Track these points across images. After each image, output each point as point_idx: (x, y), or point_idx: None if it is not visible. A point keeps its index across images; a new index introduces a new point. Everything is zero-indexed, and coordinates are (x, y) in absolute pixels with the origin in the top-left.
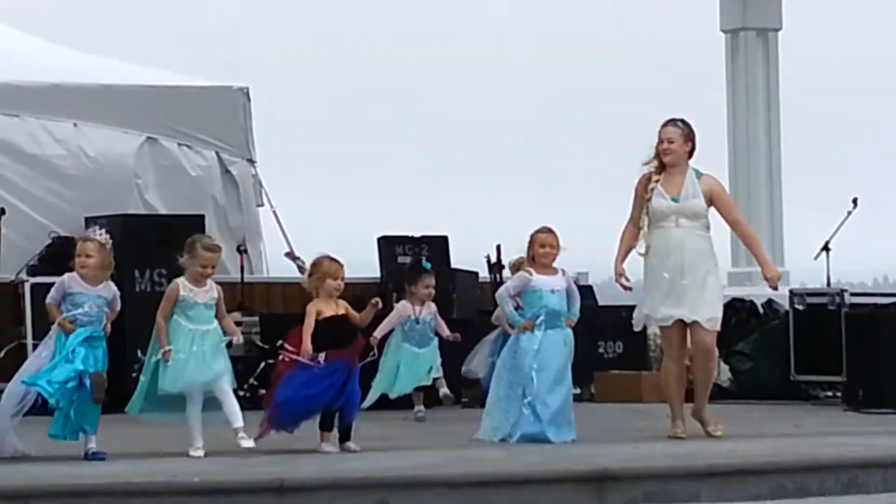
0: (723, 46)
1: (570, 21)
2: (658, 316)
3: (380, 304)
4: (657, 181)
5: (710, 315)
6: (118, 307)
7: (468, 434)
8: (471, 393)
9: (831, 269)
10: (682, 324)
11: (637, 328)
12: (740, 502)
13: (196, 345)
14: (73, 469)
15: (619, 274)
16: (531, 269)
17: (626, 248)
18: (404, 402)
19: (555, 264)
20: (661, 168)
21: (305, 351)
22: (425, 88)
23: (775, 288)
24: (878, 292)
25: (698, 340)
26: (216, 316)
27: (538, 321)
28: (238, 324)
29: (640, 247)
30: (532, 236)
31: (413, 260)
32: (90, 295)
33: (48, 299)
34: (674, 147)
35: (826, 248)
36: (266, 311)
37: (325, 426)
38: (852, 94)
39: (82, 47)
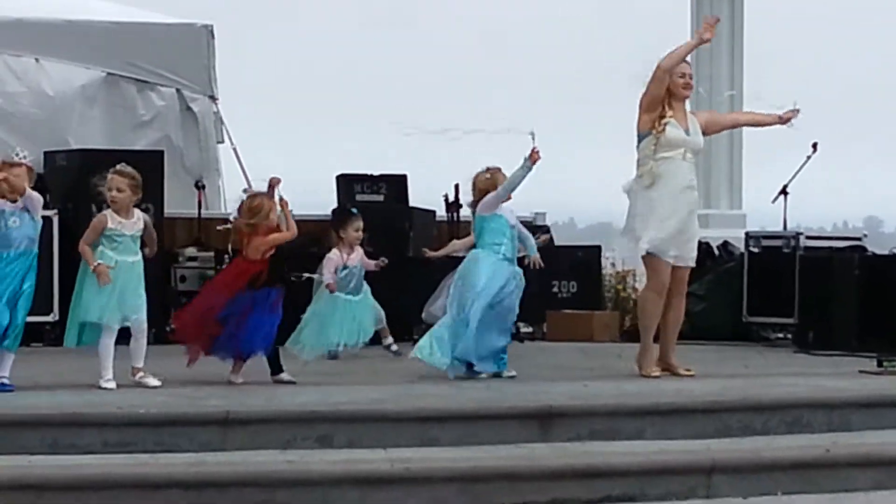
0: None
1: None
2: (669, 253)
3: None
4: (671, 115)
5: (695, 254)
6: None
7: (416, 372)
8: None
9: (792, 214)
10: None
11: (641, 253)
12: (685, 440)
13: (120, 277)
14: (13, 399)
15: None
16: None
17: None
18: None
19: (507, 204)
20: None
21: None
22: (389, 28)
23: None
24: (833, 236)
25: (681, 278)
26: (143, 238)
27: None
28: (193, 258)
29: (647, 178)
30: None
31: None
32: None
33: None
34: (693, 83)
35: (784, 191)
36: (222, 246)
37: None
38: (816, 37)
39: None
